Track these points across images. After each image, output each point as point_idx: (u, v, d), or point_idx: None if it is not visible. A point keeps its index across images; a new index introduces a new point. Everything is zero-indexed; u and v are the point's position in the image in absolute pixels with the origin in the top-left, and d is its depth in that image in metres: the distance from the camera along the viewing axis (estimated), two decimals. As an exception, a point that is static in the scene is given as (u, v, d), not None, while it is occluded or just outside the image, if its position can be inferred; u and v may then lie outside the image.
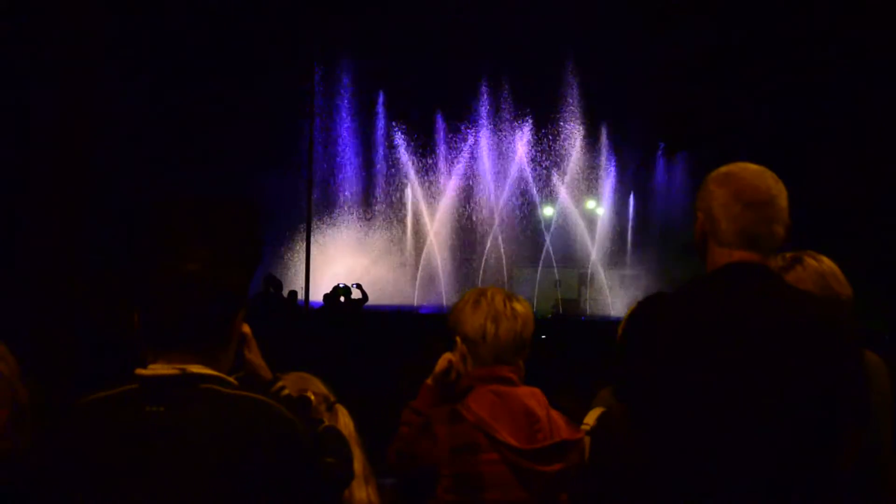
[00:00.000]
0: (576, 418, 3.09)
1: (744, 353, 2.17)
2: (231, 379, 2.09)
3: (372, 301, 18.87)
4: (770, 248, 2.32)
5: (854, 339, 2.23)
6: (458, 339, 2.91)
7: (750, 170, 2.36)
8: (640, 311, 2.35)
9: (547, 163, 35.26)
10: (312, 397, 2.41)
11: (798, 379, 2.15)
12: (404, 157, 34.83)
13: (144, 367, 2.05)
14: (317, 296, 22.81)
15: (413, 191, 34.73)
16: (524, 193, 35.06)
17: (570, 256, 35.44)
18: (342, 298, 16.59)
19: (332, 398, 2.68)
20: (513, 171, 35.06)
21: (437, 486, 2.74)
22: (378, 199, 34.98)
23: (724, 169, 2.39)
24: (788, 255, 2.92)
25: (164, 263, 2.12)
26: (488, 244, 34.60)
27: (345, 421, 2.61)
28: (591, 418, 3.50)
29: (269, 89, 28.15)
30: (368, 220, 34.59)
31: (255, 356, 2.33)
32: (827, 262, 2.94)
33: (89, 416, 2.04)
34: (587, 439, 3.05)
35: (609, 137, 35.53)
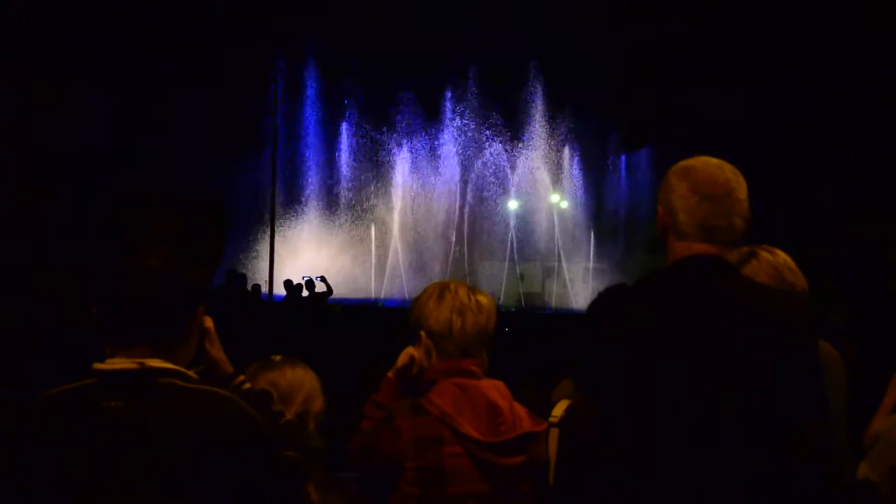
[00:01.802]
0: (539, 411, 3.11)
1: (701, 345, 2.19)
2: (191, 373, 2.08)
3: (336, 294, 18.82)
4: (728, 240, 2.34)
5: (809, 331, 2.26)
6: (422, 333, 2.90)
7: (709, 163, 2.38)
8: (600, 302, 2.36)
9: (511, 157, 35.36)
10: (274, 392, 2.40)
11: (754, 371, 2.17)
12: (369, 151, 34.75)
13: (103, 361, 2.03)
14: (281, 289, 22.67)
15: (377, 185, 34.67)
16: (488, 188, 35.13)
17: (533, 250, 35.59)
18: (306, 292, 16.53)
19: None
20: (477, 166, 35.11)
21: (400, 480, 2.74)
22: (341, 193, 34.88)
23: (683, 163, 2.41)
24: (745, 248, 2.95)
25: (124, 257, 2.11)
26: (453, 238, 34.63)
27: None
28: (558, 410, 3.52)
29: (233, 83, 27.96)
30: (333, 212, 34.49)
31: (216, 350, 2.32)
32: (782, 256, 2.97)
33: (47, 412, 2.01)
34: (555, 431, 3.06)
35: (574, 132, 35.70)
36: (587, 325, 2.35)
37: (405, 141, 35.02)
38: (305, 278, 17.09)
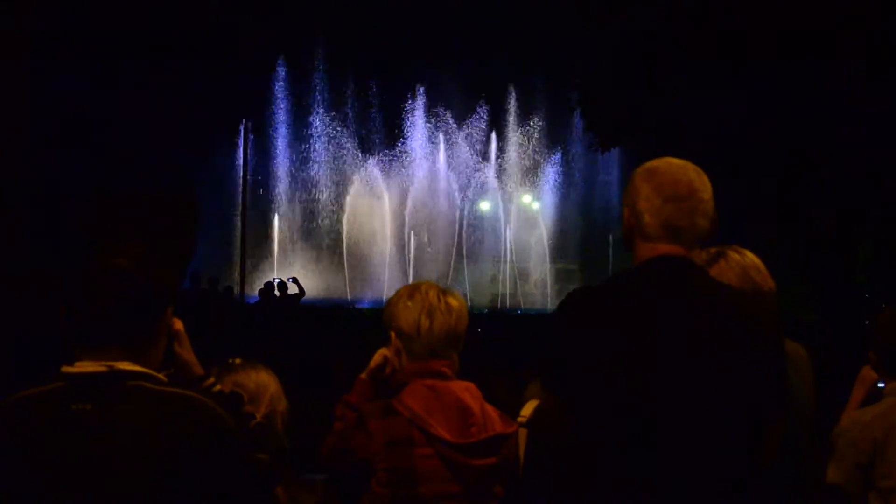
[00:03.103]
0: (510, 412, 3.12)
1: (666, 346, 2.20)
2: (160, 375, 2.06)
3: (308, 296, 18.78)
4: (692, 240, 2.35)
5: (775, 331, 2.29)
6: (392, 333, 2.91)
7: (672, 164, 2.40)
8: (567, 303, 2.37)
9: (484, 158, 35.43)
10: (244, 394, 2.39)
11: (720, 370, 2.19)
12: (343, 152, 34.68)
13: (71, 364, 2.01)
14: (252, 290, 22.55)
15: (351, 186, 34.60)
16: (461, 189, 35.16)
17: (505, 251, 35.65)
18: (278, 293, 16.50)
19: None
20: (457, 167, 35.15)
21: (371, 481, 2.74)
22: (314, 194, 34.77)
23: (648, 164, 2.43)
24: (713, 249, 2.97)
25: (92, 258, 2.09)
26: (425, 239, 34.63)
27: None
28: (527, 410, 3.53)
29: (205, 83, 27.79)
30: (310, 213, 34.41)
31: (186, 352, 2.31)
32: (750, 256, 2.99)
33: (14, 415, 1.99)
34: (524, 431, 3.07)
35: (547, 132, 35.82)
36: (554, 326, 2.36)
37: (379, 144, 34.98)
38: (277, 280, 17.05)
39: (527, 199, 36.29)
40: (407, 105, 34.92)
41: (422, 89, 34.91)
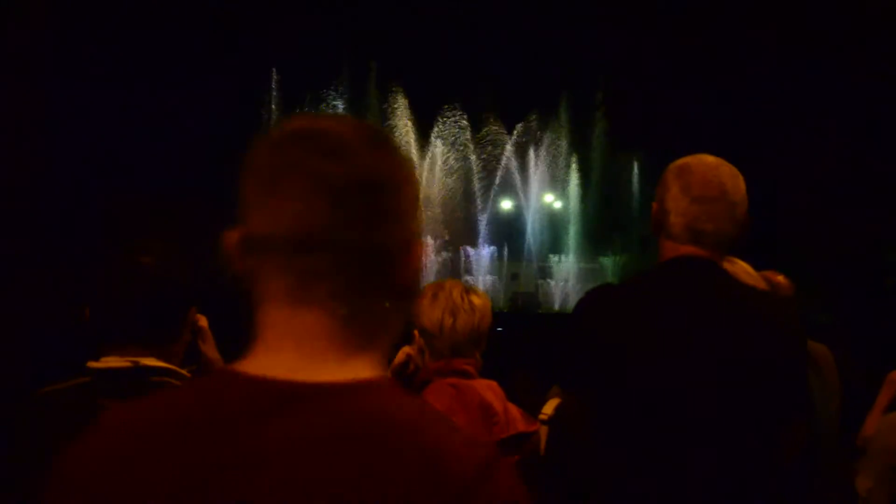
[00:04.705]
0: (532, 411, 3.11)
1: (686, 346, 2.16)
2: (184, 372, 2.08)
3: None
4: (716, 244, 2.28)
5: (798, 333, 2.24)
6: (415, 332, 2.91)
7: (704, 163, 2.31)
8: (585, 303, 2.34)
9: (506, 157, 35.36)
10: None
11: (740, 371, 2.15)
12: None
13: (97, 360, 2.03)
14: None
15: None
16: (483, 188, 35.13)
17: (527, 250, 35.58)
18: None
19: None
20: (470, 167, 35.09)
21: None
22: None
23: (681, 161, 2.35)
24: None
25: (117, 256, 2.10)
26: (446, 237, 34.61)
27: None
28: (549, 408, 3.52)
29: (224, 84, 27.94)
30: None
31: (209, 348, 2.32)
32: (740, 265, 2.90)
33: (41, 410, 2.01)
34: (544, 429, 3.06)
35: (569, 130, 35.70)
36: (572, 326, 2.33)
37: (400, 141, 34.94)
38: None
39: (549, 197, 36.19)
40: (432, 104, 34.88)
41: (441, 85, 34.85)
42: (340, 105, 33.63)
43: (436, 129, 35.10)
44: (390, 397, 1.06)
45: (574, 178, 36.13)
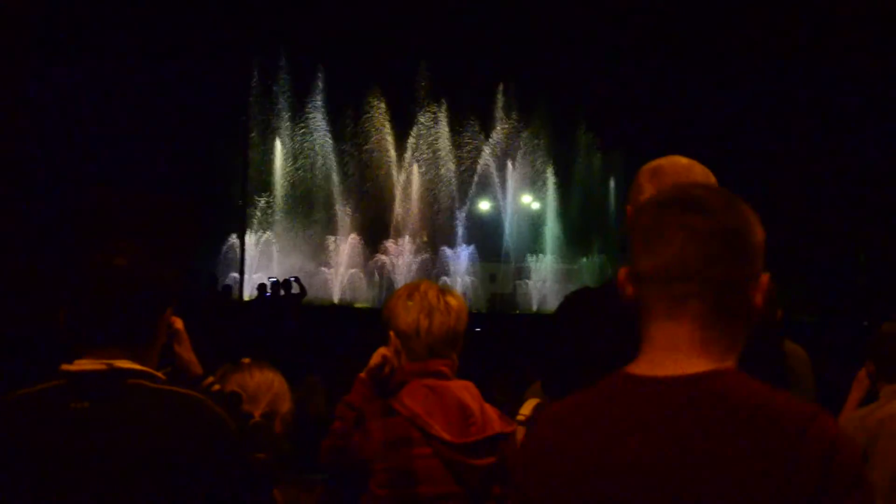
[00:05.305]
0: (509, 411, 3.11)
1: None
2: (159, 374, 2.07)
3: (309, 297, 18.79)
4: None
5: (773, 329, 2.26)
6: (391, 333, 2.91)
7: (677, 164, 2.32)
8: (565, 305, 2.36)
9: (484, 157, 35.41)
10: (243, 393, 2.39)
11: None
12: (336, 151, 34.65)
13: (70, 362, 2.01)
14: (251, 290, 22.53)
15: (349, 186, 34.58)
16: (461, 188, 35.17)
17: (505, 251, 35.66)
18: (282, 292, 16.52)
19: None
20: (455, 167, 35.13)
21: (370, 481, 2.74)
22: (314, 192, 34.73)
23: (654, 163, 2.36)
24: None
25: (92, 257, 2.09)
26: (425, 238, 34.60)
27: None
28: (526, 409, 3.53)
29: (207, 79, 27.83)
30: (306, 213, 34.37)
31: (185, 351, 2.31)
32: None
33: (14, 413, 1.99)
34: (521, 429, 3.07)
35: (549, 131, 35.80)
36: (552, 328, 2.34)
37: (378, 144, 34.93)
38: (272, 279, 17.06)
39: (526, 198, 36.28)
40: (412, 105, 34.89)
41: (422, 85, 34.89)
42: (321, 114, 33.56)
43: (415, 129, 35.10)
44: (746, 381, 1.38)
45: (552, 179, 36.22)
